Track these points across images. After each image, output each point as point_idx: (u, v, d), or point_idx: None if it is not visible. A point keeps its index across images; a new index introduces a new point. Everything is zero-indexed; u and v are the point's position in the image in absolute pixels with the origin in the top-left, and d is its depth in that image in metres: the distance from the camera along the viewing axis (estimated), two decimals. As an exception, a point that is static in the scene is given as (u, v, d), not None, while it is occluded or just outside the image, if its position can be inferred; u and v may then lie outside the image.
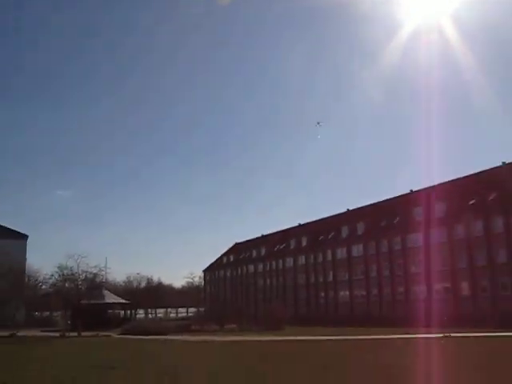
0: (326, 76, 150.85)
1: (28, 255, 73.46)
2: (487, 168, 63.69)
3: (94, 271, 67.40)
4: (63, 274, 65.96)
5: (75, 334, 46.54)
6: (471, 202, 59.43)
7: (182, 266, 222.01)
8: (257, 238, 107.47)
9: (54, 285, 68.45)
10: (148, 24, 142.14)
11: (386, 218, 71.99)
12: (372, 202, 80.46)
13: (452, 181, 65.87)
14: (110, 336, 46.14)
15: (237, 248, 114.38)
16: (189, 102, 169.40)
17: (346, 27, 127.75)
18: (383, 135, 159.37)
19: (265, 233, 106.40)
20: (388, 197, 77.78)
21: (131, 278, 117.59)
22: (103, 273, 71.32)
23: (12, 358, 25.66)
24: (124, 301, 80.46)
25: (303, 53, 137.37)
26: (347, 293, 75.25)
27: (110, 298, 74.91)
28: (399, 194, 75.98)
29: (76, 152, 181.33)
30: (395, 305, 65.55)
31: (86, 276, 65.59)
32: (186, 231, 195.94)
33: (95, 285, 68.05)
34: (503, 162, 61.60)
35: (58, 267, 65.01)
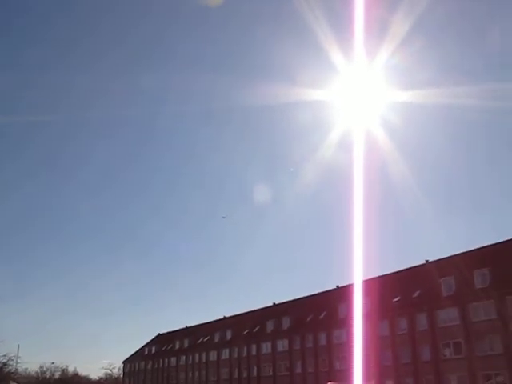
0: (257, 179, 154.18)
1: None
2: (411, 266, 65.16)
3: (3, 360, 63.50)
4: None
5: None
6: (396, 299, 60.09)
7: (101, 356, 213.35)
8: (181, 329, 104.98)
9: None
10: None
11: (312, 313, 71.68)
12: (298, 296, 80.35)
13: (377, 277, 66.68)
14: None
15: (160, 339, 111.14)
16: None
17: (273, 131, 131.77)
18: (311, 232, 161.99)
19: (189, 324, 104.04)
20: (314, 292, 77.85)
21: (44, 369, 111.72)
22: (13, 362, 67.23)
23: None
24: (32, 394, 75.57)
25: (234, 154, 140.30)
26: (271, 389, 73.35)
27: (18, 391, 70.30)
28: (325, 289, 76.27)
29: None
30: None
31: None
32: (107, 319, 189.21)
33: (2, 376, 63.80)
34: (426, 260, 63.30)
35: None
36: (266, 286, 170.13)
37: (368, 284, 65.38)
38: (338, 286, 73.48)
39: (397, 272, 66.06)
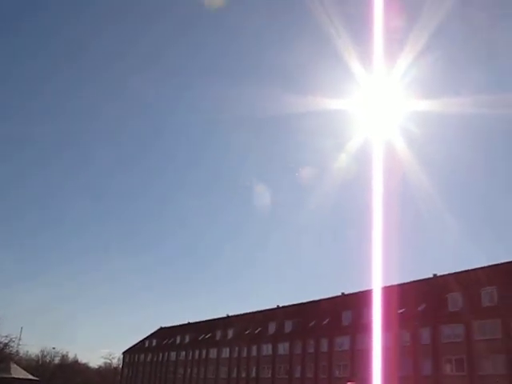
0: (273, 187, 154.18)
1: None
2: (419, 279, 64.70)
3: (5, 341, 63.93)
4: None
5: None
6: (400, 311, 59.65)
7: (102, 345, 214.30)
8: (183, 324, 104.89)
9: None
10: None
11: (316, 319, 71.40)
12: (302, 301, 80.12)
13: (382, 288, 66.12)
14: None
15: (161, 332, 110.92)
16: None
17: (294, 139, 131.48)
18: (321, 239, 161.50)
19: (191, 320, 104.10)
20: (319, 297, 77.57)
21: (45, 353, 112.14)
22: (14, 344, 67.62)
23: None
24: (32, 377, 76.08)
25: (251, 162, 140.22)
26: (269, 391, 73.18)
27: (18, 373, 70.59)
28: (331, 295, 75.88)
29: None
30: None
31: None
32: (110, 309, 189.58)
33: (2, 356, 64.23)
34: (434, 274, 62.87)
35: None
36: (272, 288, 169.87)
37: (373, 294, 64.98)
38: (343, 293, 73.15)
39: (404, 284, 65.54)
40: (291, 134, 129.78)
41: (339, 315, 66.56)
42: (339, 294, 73.90)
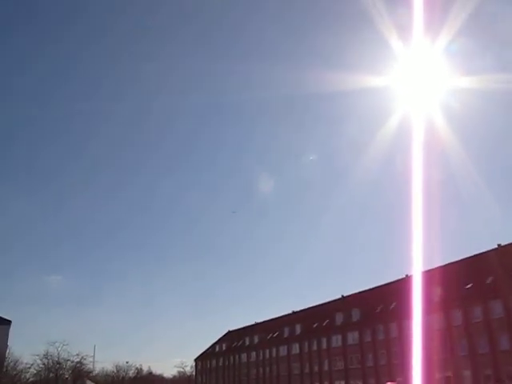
0: (316, 167, 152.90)
1: (10, 342, 70.49)
2: (482, 251, 62.80)
3: (77, 359, 65.36)
4: (47, 363, 63.92)
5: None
6: (468, 286, 58.02)
7: (173, 354, 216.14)
8: (250, 325, 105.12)
9: (36, 374, 66.08)
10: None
11: (382, 304, 70.19)
12: (367, 287, 78.95)
13: (447, 265, 64.58)
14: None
15: (230, 336, 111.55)
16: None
17: (333, 117, 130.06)
18: (376, 222, 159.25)
19: (258, 320, 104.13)
20: (383, 282, 76.24)
21: (118, 368, 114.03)
22: (87, 361, 69.00)
23: None
24: (108, 393, 77.36)
25: (293, 142, 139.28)
26: (343, 382, 72.17)
27: (94, 389, 72.04)
28: (394, 279, 74.40)
29: (63, 236, 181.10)
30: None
31: (69, 365, 63.65)
32: (177, 319, 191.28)
33: (79, 375, 65.73)
34: (498, 245, 60.85)
35: (44, 356, 63.16)
36: (334, 278, 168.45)
37: (438, 272, 63.46)
38: (407, 275, 71.61)
39: (467, 258, 63.80)
40: (331, 111, 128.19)
41: (407, 298, 65.06)
42: (403, 276, 72.35)
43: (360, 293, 79.30)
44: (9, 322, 70.17)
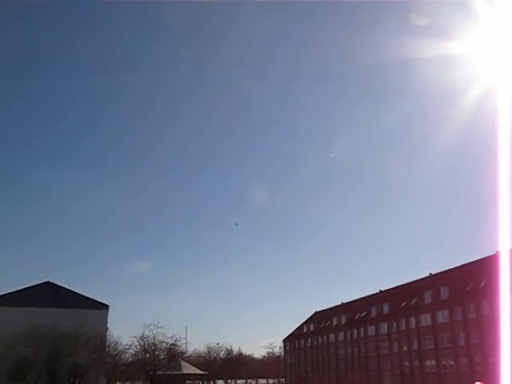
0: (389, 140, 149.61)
1: (109, 325, 73.78)
2: None
3: (171, 341, 68.01)
4: (144, 345, 66.95)
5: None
6: None
7: (262, 335, 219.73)
8: (337, 305, 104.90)
9: (134, 355, 69.16)
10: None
11: (472, 282, 68.11)
12: (456, 265, 76.77)
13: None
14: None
15: (317, 316, 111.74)
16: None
17: (411, 86, 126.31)
18: (457, 195, 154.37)
19: (345, 300, 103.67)
20: (472, 259, 73.84)
21: (210, 349, 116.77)
22: (180, 343, 71.38)
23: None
24: (201, 372, 79.61)
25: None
26: (434, 362, 70.87)
27: (188, 369, 74.23)
28: (485, 255, 71.79)
29: (158, 224, 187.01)
30: (488, 376, 60.76)
31: (163, 346, 66.45)
32: (265, 300, 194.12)
33: (173, 355, 68.16)
34: None
35: (140, 337, 66.15)
36: (421, 256, 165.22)
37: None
38: (498, 252, 68.95)
39: None
40: (409, 79, 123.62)
41: (496, 275, 62.82)
42: (494, 252, 69.71)
43: (448, 270, 77.33)
44: (107, 307, 73.17)
